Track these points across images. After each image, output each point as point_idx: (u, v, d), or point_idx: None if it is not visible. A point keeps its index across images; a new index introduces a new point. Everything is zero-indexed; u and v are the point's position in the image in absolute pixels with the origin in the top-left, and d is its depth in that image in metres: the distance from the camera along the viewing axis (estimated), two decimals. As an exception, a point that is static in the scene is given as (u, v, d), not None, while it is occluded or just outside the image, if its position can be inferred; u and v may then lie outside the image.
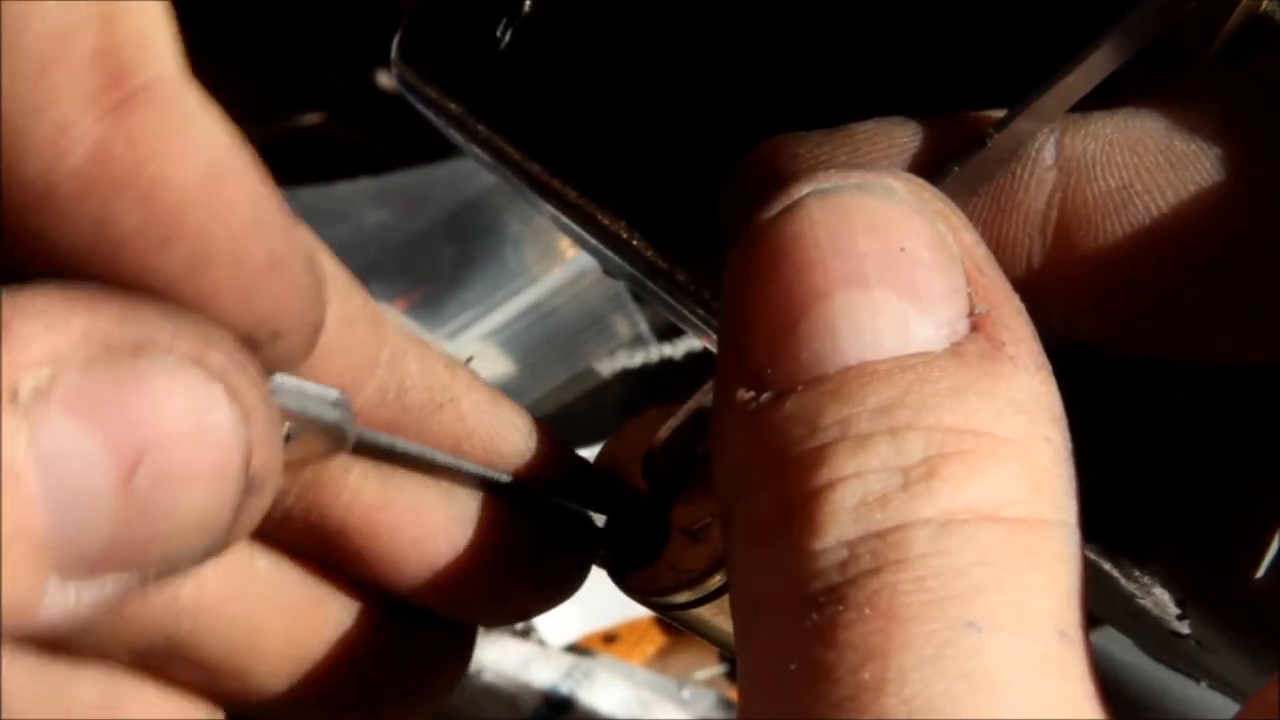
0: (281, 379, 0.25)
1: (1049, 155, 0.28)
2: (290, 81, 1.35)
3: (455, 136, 0.40)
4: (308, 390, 0.25)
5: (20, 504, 0.20)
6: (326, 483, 0.29)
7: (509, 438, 0.31)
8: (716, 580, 0.31)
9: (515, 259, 1.17)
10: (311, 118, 1.35)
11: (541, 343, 1.17)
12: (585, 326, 1.19)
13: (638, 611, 0.97)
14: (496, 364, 1.17)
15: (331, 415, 0.26)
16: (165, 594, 0.28)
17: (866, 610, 0.21)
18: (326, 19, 1.35)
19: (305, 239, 0.24)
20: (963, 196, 0.28)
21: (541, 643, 1.06)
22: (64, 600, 0.21)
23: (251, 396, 0.22)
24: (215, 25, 1.34)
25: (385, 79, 1.31)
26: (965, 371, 0.23)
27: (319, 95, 1.35)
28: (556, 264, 1.16)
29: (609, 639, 1.09)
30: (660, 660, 1.09)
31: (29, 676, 0.27)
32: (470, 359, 0.32)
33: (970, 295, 0.24)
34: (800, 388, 0.24)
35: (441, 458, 0.29)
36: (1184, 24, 0.32)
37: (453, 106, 0.39)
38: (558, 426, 0.33)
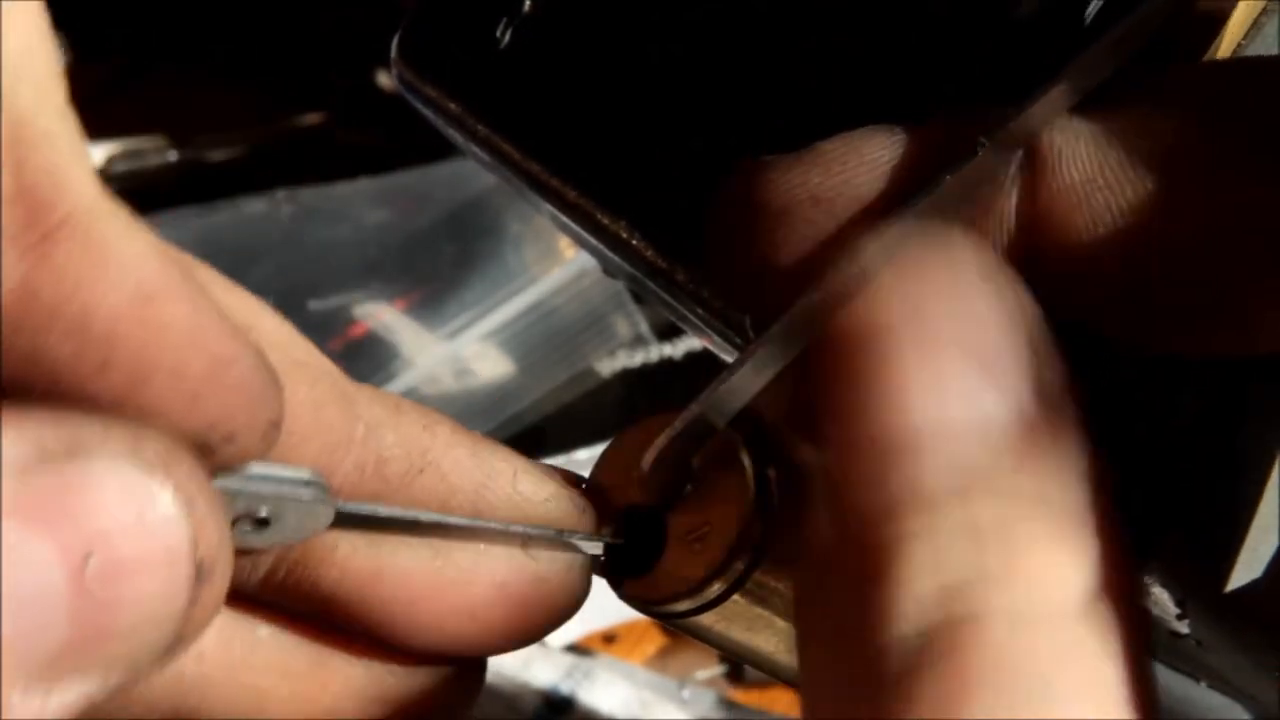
0: (254, 465, 0.25)
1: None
2: (290, 81, 1.35)
3: (455, 136, 0.40)
4: (280, 474, 0.26)
5: None
6: (315, 559, 0.29)
7: (494, 487, 0.31)
8: (715, 588, 0.31)
9: (515, 259, 1.17)
10: (311, 118, 1.35)
11: (541, 343, 1.17)
12: (585, 326, 1.19)
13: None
14: (496, 364, 1.17)
15: (305, 495, 0.26)
16: (169, 671, 0.29)
17: (941, 669, 0.21)
18: (326, 19, 1.35)
19: (252, 340, 0.24)
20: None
21: (541, 642, 1.06)
22: (30, 709, 0.21)
23: (190, 486, 0.23)
24: (216, 26, 1.34)
25: (385, 79, 1.31)
26: (1030, 443, 0.24)
27: (319, 95, 1.35)
28: (556, 264, 1.16)
29: (609, 639, 1.09)
30: (660, 660, 1.09)
31: None
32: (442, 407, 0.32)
33: (1035, 367, 0.25)
34: (875, 450, 0.24)
35: (426, 516, 0.30)
36: (1182, 34, 0.32)
37: (452, 106, 0.39)
38: (558, 426, 0.33)
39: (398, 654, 0.31)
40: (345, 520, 0.28)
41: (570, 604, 0.32)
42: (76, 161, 0.22)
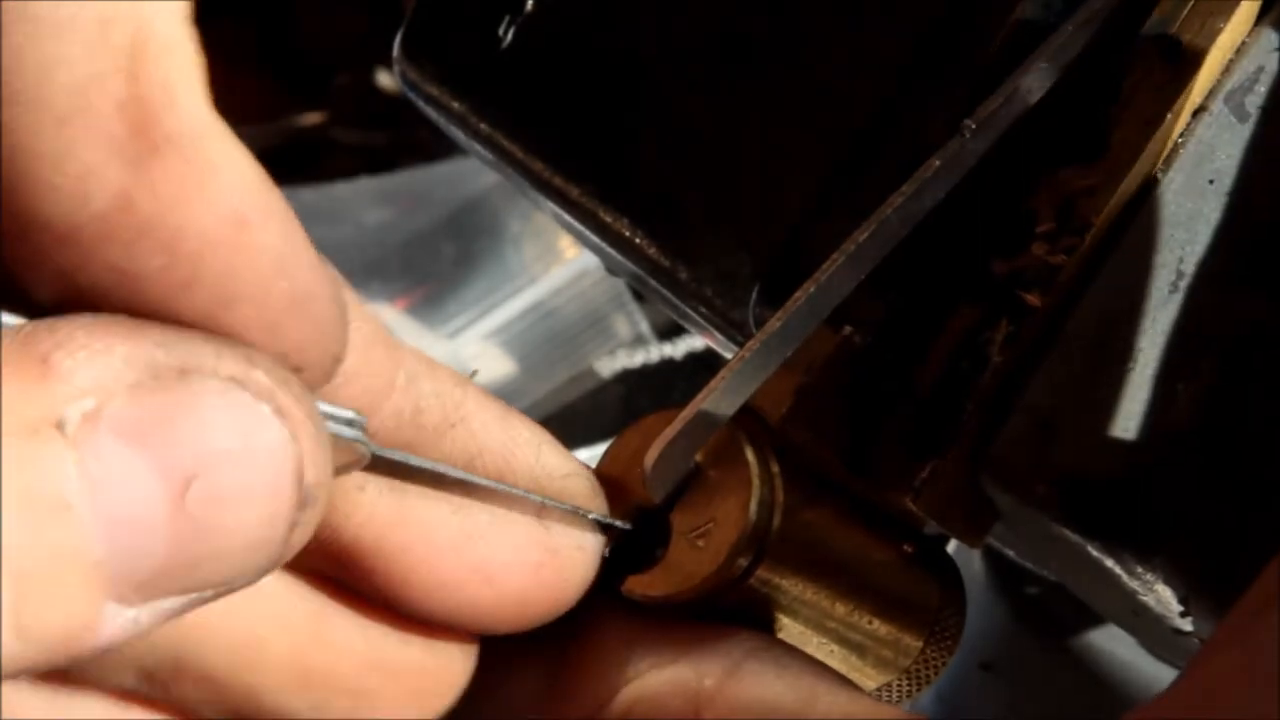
0: None
1: None
2: (290, 81, 1.35)
3: (457, 134, 0.40)
4: (325, 410, 0.26)
5: (74, 532, 0.20)
6: (340, 502, 0.29)
7: (519, 453, 0.31)
8: (719, 585, 0.31)
9: (515, 259, 1.17)
10: (311, 118, 1.35)
11: (542, 343, 1.17)
12: (585, 326, 1.19)
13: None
14: (496, 364, 1.17)
15: (348, 434, 0.26)
16: None
17: None
18: (326, 19, 1.35)
19: (332, 273, 0.24)
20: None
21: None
22: (120, 624, 0.21)
23: (298, 413, 0.23)
24: (215, 25, 1.34)
25: (385, 79, 1.31)
26: None
27: (319, 95, 1.35)
28: (556, 264, 1.16)
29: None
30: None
31: (38, 705, 0.27)
32: (475, 373, 0.32)
33: None
34: None
35: (454, 472, 0.30)
36: (1185, 24, 0.32)
37: (455, 104, 0.39)
38: (558, 426, 0.33)
39: (401, 622, 0.31)
40: (378, 464, 0.28)
41: (579, 582, 0.32)
42: (192, 76, 0.22)
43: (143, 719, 0.29)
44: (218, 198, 0.22)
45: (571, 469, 0.32)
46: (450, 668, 0.32)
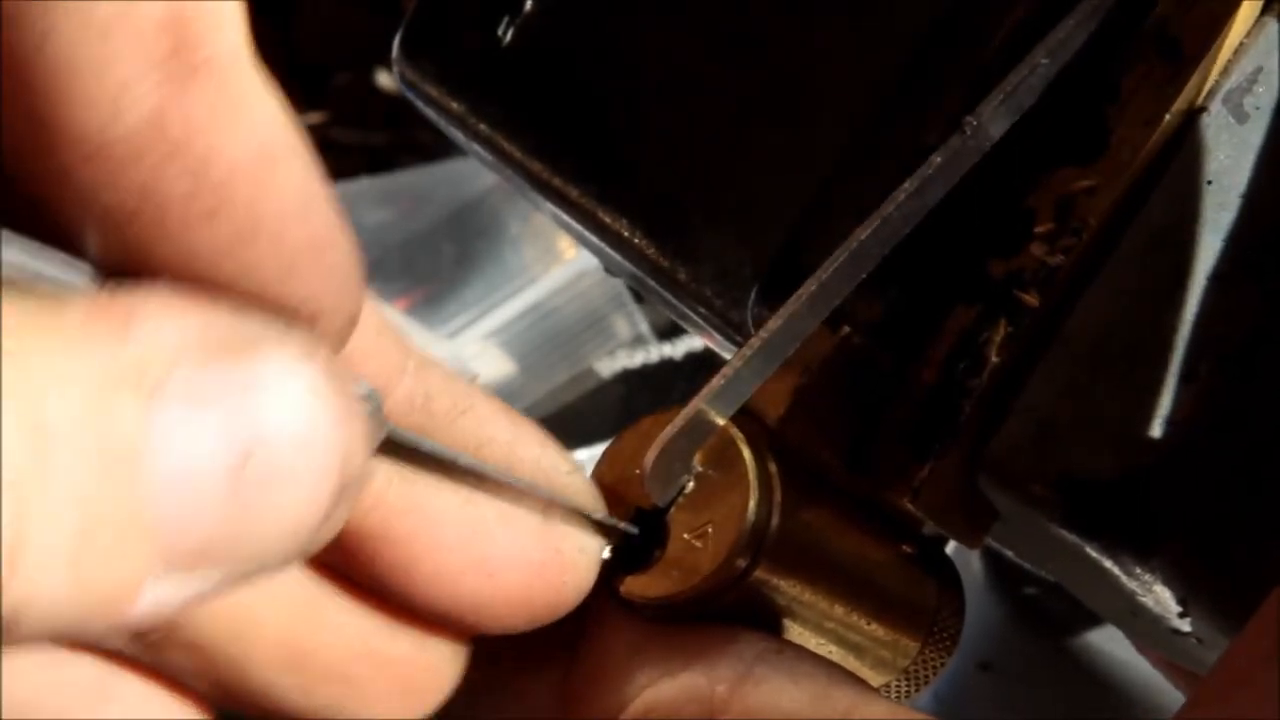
0: None
1: None
2: (290, 81, 1.35)
3: (457, 135, 0.40)
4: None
5: (135, 485, 0.20)
6: None
7: (523, 448, 0.31)
8: (717, 586, 0.31)
9: (515, 259, 1.18)
10: (311, 118, 1.35)
11: (541, 343, 1.17)
12: (585, 327, 1.19)
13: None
14: (496, 364, 1.17)
15: (364, 409, 0.26)
16: None
17: None
18: (326, 19, 1.35)
19: (350, 233, 0.25)
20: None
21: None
22: (156, 595, 0.21)
23: (349, 404, 0.23)
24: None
25: (385, 79, 1.31)
26: None
27: (319, 95, 1.35)
28: (556, 264, 1.17)
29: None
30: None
31: (29, 665, 0.27)
32: (476, 378, 0.33)
33: None
34: None
35: (465, 460, 0.30)
36: (1184, 22, 0.32)
37: (454, 105, 0.39)
38: (558, 426, 0.33)
39: (394, 614, 0.31)
40: (389, 447, 0.28)
41: (579, 584, 0.32)
42: (234, 7, 0.22)
43: (130, 685, 0.29)
44: (248, 129, 0.22)
45: (573, 467, 0.32)
46: (439, 666, 0.32)
